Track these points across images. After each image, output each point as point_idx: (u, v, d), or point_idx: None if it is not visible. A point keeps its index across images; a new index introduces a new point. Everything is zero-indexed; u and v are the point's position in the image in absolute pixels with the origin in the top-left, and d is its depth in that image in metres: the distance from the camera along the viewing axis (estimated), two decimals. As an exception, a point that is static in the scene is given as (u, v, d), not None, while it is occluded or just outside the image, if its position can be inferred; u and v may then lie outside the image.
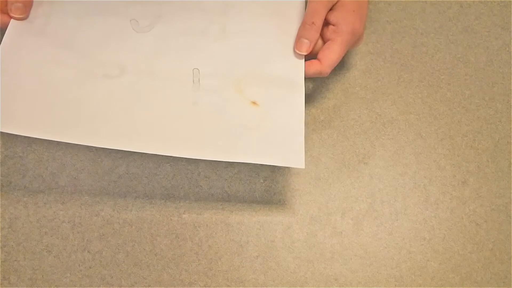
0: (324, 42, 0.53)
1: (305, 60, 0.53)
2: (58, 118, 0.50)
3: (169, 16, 0.55)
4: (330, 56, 0.52)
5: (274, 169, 0.56)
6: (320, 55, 0.52)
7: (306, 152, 0.57)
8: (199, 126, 0.51)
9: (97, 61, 0.53)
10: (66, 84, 0.51)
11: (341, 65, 0.61)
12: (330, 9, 0.53)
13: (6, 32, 0.52)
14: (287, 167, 0.57)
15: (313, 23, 0.52)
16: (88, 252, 0.53)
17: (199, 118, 0.51)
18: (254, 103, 0.52)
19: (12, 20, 0.53)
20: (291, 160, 0.51)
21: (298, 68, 0.53)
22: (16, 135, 0.56)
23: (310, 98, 0.59)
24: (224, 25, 0.55)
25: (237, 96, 0.53)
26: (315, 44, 0.53)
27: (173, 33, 0.55)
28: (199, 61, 0.54)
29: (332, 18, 0.52)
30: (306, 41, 0.52)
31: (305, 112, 0.57)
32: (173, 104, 0.52)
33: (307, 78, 0.53)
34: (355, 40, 0.54)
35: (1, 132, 0.56)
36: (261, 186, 0.56)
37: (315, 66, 0.53)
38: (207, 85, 0.53)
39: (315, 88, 0.60)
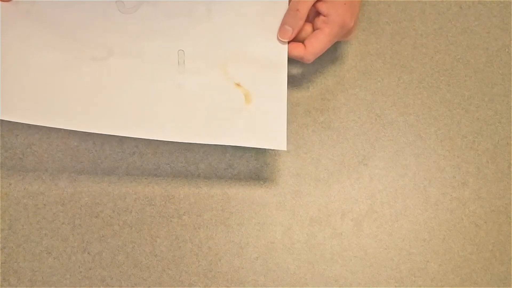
0: (314, 30, 0.54)
1: (292, 42, 0.54)
2: (47, 103, 0.50)
3: None
4: (316, 44, 0.52)
5: (274, 171, 0.56)
6: (306, 42, 0.53)
7: (306, 153, 0.57)
8: (184, 109, 0.51)
9: (84, 43, 0.53)
10: (54, 68, 0.51)
11: (341, 66, 0.61)
12: (321, 0, 0.53)
13: None
14: (288, 169, 0.57)
15: (297, 10, 0.52)
16: (88, 253, 0.53)
17: (184, 101, 0.52)
18: (238, 84, 0.53)
19: None
20: (273, 142, 0.51)
21: (281, 50, 0.54)
22: (15, 135, 0.56)
23: (309, 99, 0.59)
24: (209, 6, 0.55)
25: (221, 78, 0.53)
26: (298, 31, 0.53)
27: (158, 14, 0.55)
28: (184, 43, 0.54)
29: (323, 9, 0.52)
30: (289, 28, 0.53)
31: (304, 113, 0.57)
32: (159, 86, 0.52)
33: (292, 65, 0.53)
34: (344, 33, 0.54)
35: (1, 134, 0.56)
36: (261, 187, 0.56)
37: (298, 50, 0.53)
38: (192, 67, 0.53)
39: (315, 90, 0.60)
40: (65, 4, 0.54)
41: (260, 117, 0.52)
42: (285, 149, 0.50)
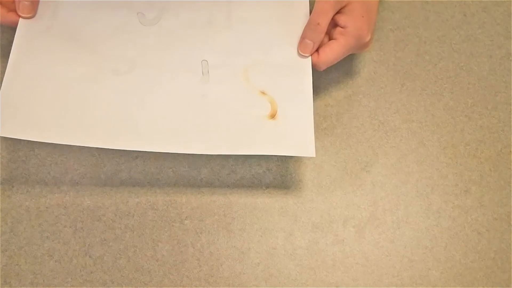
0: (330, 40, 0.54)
1: None
2: (70, 120, 0.50)
3: (174, 7, 0.55)
4: (329, 53, 0.53)
5: (276, 176, 0.56)
6: (320, 50, 0.53)
7: (308, 159, 0.57)
8: (210, 120, 0.51)
9: (106, 57, 0.53)
10: (76, 84, 0.51)
11: (344, 73, 0.61)
12: (340, 12, 0.53)
13: (16, 35, 0.53)
14: (291, 175, 0.57)
15: (318, 24, 0.52)
16: (89, 257, 0.53)
17: (210, 112, 0.51)
18: (262, 93, 0.52)
19: (20, 19, 0.53)
20: (301, 149, 0.51)
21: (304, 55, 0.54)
22: (18, 139, 0.56)
23: (313, 105, 0.59)
24: (229, 14, 0.55)
25: (245, 87, 0.53)
26: (319, 45, 0.53)
27: (180, 25, 0.55)
28: (207, 52, 0.54)
29: (341, 21, 0.53)
30: (309, 42, 0.53)
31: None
32: (184, 98, 0.52)
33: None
34: (359, 46, 0.54)
35: (4, 136, 0.56)
36: (263, 193, 0.56)
37: (312, 57, 0.54)
38: (216, 77, 0.53)
39: (318, 96, 0.60)
40: (85, 18, 0.54)
41: (287, 124, 0.51)
42: (314, 155, 0.50)
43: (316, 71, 0.54)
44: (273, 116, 0.52)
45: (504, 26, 0.65)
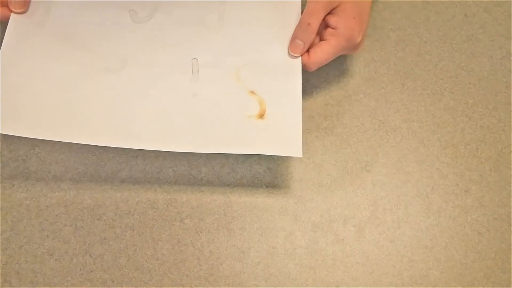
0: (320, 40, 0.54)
1: None
2: (61, 117, 0.50)
3: (167, 5, 0.55)
4: (320, 54, 0.53)
5: (276, 176, 0.56)
6: (311, 50, 0.53)
7: (308, 159, 0.57)
8: (199, 119, 0.51)
9: (98, 54, 0.53)
10: (68, 81, 0.51)
11: (345, 72, 0.61)
12: (331, 13, 0.53)
13: (7, 30, 0.52)
14: (291, 174, 0.57)
15: (309, 24, 0.52)
16: (89, 256, 0.53)
17: (199, 111, 0.52)
18: (252, 92, 0.52)
19: (12, 14, 0.53)
20: (289, 149, 0.51)
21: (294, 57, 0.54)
22: (19, 137, 0.56)
23: (313, 104, 0.60)
24: (222, 13, 0.55)
25: (235, 86, 0.53)
26: (310, 45, 0.53)
27: (171, 23, 0.55)
28: (197, 51, 0.54)
29: (332, 22, 0.53)
30: (300, 43, 0.53)
31: (307, 119, 0.57)
32: (174, 96, 0.52)
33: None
34: (350, 47, 0.54)
35: (4, 135, 0.56)
36: (263, 192, 0.56)
37: (302, 58, 0.53)
38: (207, 75, 0.53)
39: (318, 95, 0.60)
40: (78, 15, 0.54)
41: (275, 124, 0.51)
42: (301, 156, 0.50)
43: (313, 71, 0.54)
44: (261, 115, 0.52)
45: (505, 26, 0.65)
